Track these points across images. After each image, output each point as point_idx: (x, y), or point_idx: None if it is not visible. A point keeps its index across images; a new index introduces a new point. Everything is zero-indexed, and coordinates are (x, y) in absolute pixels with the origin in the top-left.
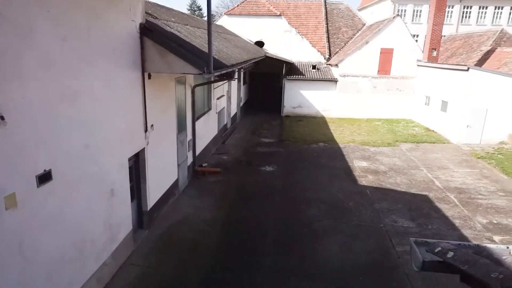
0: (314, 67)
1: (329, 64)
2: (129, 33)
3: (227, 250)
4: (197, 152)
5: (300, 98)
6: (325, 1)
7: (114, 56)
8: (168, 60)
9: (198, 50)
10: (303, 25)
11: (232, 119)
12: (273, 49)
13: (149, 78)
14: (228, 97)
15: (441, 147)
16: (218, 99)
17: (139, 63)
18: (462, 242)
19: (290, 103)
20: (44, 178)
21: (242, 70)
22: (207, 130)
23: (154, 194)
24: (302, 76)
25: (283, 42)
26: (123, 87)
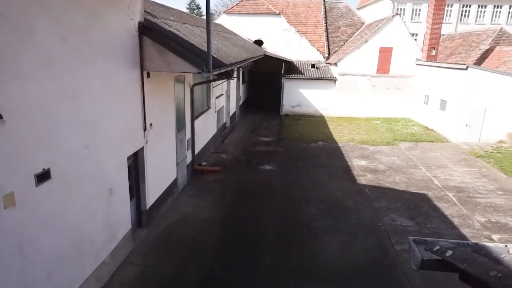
0: (313, 66)
1: (328, 63)
2: (128, 32)
3: (226, 249)
4: (196, 151)
5: (299, 97)
6: (324, 0)
7: (113, 55)
8: (167, 59)
9: (197, 49)
10: (302, 24)
11: (231, 118)
12: (272, 48)
13: (148, 77)
14: (227, 96)
15: (440, 146)
16: (217, 98)
17: (138, 62)
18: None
19: (289, 102)
20: (43, 177)
21: (241, 69)
22: (206, 129)
23: (153, 193)
24: (301, 75)
25: (282, 41)
26: (122, 86)
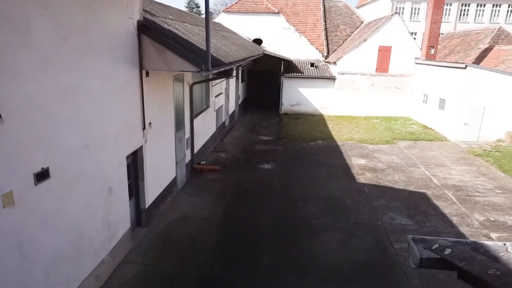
0: (312, 64)
1: (327, 62)
2: (126, 30)
3: (226, 247)
4: (195, 150)
5: (298, 96)
6: None
7: (111, 54)
8: (166, 58)
9: (196, 48)
10: (301, 22)
11: (230, 117)
12: (271, 46)
13: (147, 75)
14: (226, 95)
15: (438, 145)
16: (216, 96)
17: (136, 61)
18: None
19: (289, 101)
20: (41, 176)
21: (240, 68)
22: (205, 128)
23: (152, 192)
24: (300, 74)
25: (281, 40)
26: (121, 85)
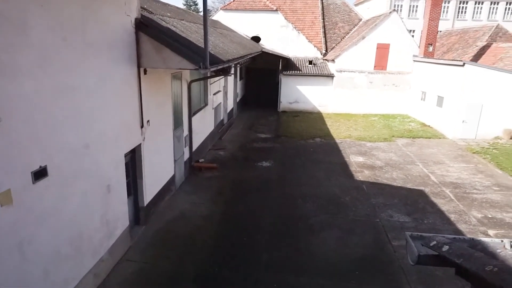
0: (310, 62)
1: (325, 60)
2: (124, 28)
3: (224, 245)
4: (193, 148)
5: (296, 93)
6: None
7: (109, 51)
8: (164, 56)
9: (194, 45)
10: (299, 20)
11: (228, 115)
12: (269, 44)
13: (145, 73)
14: (225, 92)
15: (436, 142)
16: (214, 94)
17: (134, 59)
18: (457, 236)
19: (287, 98)
20: (39, 174)
21: (238, 66)
22: (203, 126)
23: (150, 190)
24: (298, 72)
25: (280, 38)
26: (119, 83)
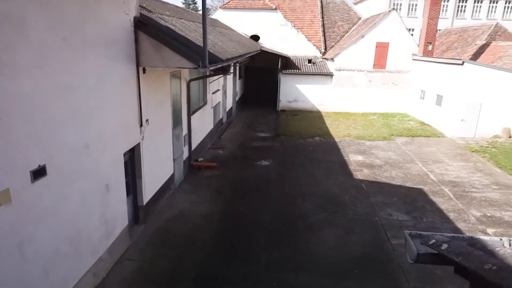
0: (309, 61)
1: (324, 58)
2: (123, 27)
3: (223, 244)
4: (193, 147)
5: (295, 92)
6: None
7: (108, 50)
8: (163, 54)
9: (193, 44)
10: (298, 19)
11: (227, 114)
12: (268, 43)
13: (143, 72)
14: (224, 91)
15: (436, 141)
16: (213, 93)
17: (133, 57)
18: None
19: (286, 97)
20: (38, 173)
21: (237, 64)
22: (202, 125)
23: (150, 189)
24: (297, 70)
25: (279, 36)
26: (118, 82)
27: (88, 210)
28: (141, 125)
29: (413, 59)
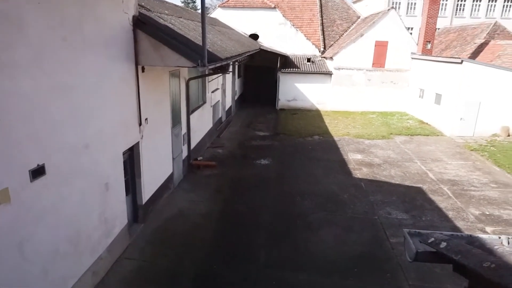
0: (309, 60)
1: (323, 57)
2: (122, 25)
3: (222, 243)
4: (192, 146)
5: (295, 91)
6: None
7: (107, 49)
8: (162, 53)
9: (192, 43)
10: (297, 17)
11: (227, 113)
12: (267, 42)
13: (142, 71)
14: (223, 90)
15: (434, 140)
16: (212, 92)
17: (132, 56)
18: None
19: (285, 96)
20: (37, 172)
21: (236, 63)
22: (202, 124)
23: (149, 188)
24: (297, 69)
25: (278, 35)
26: (117, 81)
27: (88, 209)
28: (140, 124)
29: (412, 58)
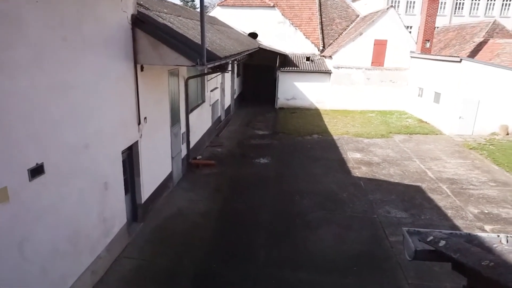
0: (308, 58)
1: (323, 56)
2: (120, 24)
3: (221, 242)
4: (191, 145)
5: (294, 90)
6: None
7: (105, 48)
8: (161, 52)
9: (191, 42)
10: (296, 16)
11: (226, 112)
12: (266, 40)
13: (141, 70)
14: (222, 89)
15: (433, 138)
16: (211, 91)
17: (131, 55)
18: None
19: (284, 95)
20: (36, 171)
21: (235, 62)
22: (201, 123)
23: (148, 187)
24: (296, 68)
25: (277, 34)
26: (116, 80)
27: (87, 208)
28: (139, 123)
29: (411, 57)
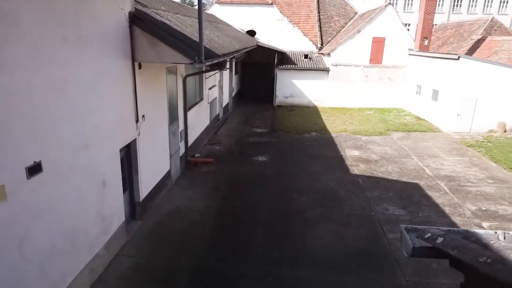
0: (306, 56)
1: (321, 54)
2: (118, 22)
3: (220, 240)
4: (189, 143)
5: (292, 87)
6: None
7: (103, 45)
8: (159, 50)
9: (189, 39)
10: (295, 14)
11: (224, 109)
12: (265, 38)
13: (139, 68)
14: (220, 87)
15: (431, 136)
16: (210, 89)
17: (128, 53)
18: (451, 228)
19: (282, 92)
20: (34, 169)
21: (233, 60)
22: (199, 121)
23: (146, 185)
24: (294, 66)
25: (275, 31)
26: (113, 77)
27: (85, 206)
28: (137, 121)
29: (409, 54)
